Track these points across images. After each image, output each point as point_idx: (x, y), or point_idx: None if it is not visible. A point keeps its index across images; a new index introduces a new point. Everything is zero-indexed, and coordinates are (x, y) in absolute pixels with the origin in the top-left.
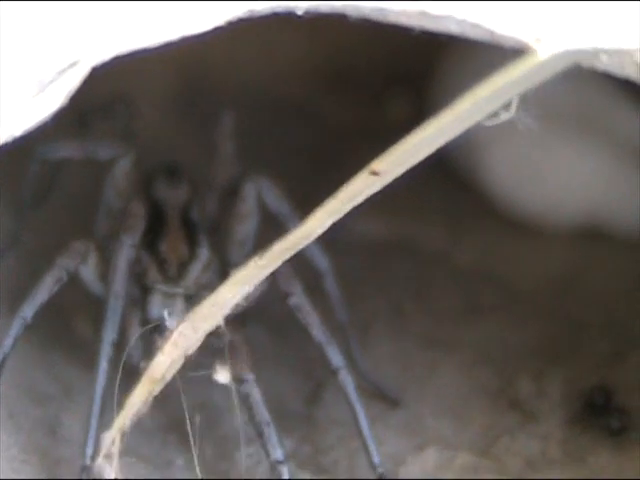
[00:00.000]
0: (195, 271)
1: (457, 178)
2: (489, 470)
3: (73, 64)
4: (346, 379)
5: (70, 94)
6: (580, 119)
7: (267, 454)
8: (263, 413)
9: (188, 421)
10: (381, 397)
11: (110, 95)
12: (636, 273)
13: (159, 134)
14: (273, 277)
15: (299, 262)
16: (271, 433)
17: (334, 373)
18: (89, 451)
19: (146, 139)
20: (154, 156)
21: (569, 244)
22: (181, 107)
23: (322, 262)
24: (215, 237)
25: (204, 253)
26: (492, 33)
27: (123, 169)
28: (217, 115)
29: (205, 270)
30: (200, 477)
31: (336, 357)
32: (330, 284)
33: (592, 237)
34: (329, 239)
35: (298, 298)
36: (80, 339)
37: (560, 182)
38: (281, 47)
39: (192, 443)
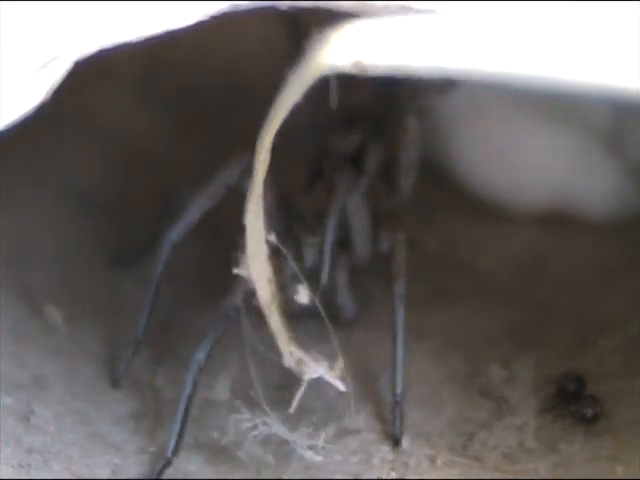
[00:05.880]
0: (333, 219)
1: (423, 163)
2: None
3: (54, 58)
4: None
5: (52, 89)
6: (548, 103)
7: None
8: None
9: None
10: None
11: None
12: (603, 258)
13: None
14: None
15: None
16: None
17: None
18: None
19: (107, 121)
20: (116, 139)
21: (536, 228)
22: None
23: None
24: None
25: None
26: None
27: None
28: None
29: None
30: None
31: None
32: None
33: (559, 221)
34: None
35: None
36: (49, 325)
37: (527, 166)
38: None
39: None
